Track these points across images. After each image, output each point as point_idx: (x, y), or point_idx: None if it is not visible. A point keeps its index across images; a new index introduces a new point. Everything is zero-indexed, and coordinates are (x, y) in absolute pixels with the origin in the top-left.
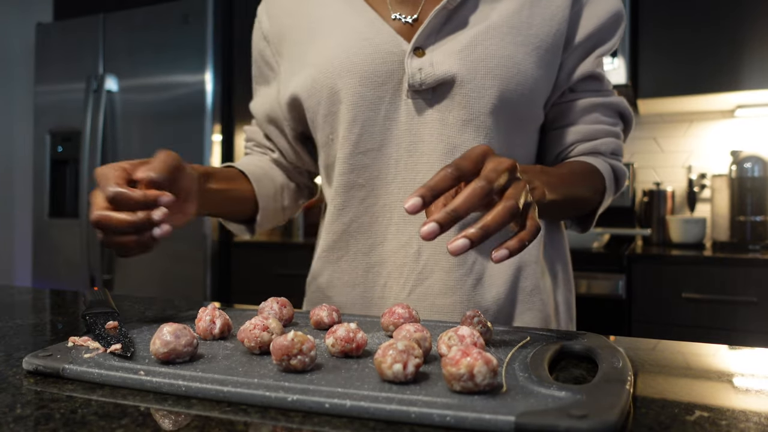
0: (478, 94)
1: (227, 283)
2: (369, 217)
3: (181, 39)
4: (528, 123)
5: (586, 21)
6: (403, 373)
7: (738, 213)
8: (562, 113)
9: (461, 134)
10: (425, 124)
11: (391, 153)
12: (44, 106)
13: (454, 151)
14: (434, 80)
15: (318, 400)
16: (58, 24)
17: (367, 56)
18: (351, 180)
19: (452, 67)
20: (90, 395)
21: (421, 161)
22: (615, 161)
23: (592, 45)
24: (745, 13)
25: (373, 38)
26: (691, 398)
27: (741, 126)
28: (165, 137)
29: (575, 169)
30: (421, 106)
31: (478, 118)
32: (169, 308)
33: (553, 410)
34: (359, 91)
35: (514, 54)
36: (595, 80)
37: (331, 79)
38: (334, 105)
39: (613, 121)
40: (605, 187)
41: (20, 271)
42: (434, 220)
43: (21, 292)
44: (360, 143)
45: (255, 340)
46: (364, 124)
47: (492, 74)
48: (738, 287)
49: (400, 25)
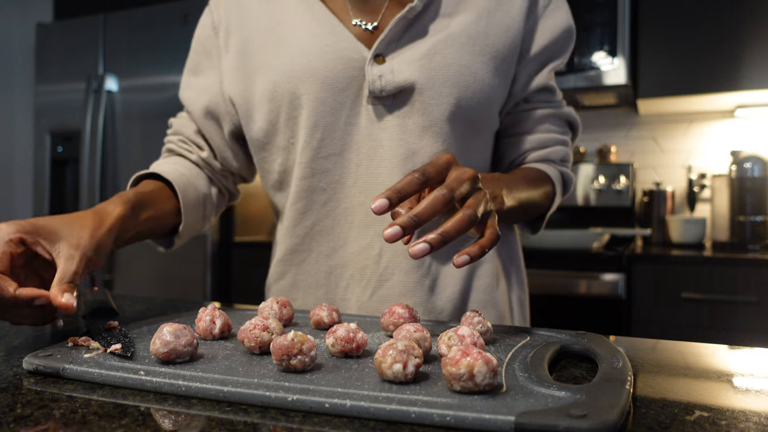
0: (436, 101)
1: (227, 283)
2: (331, 221)
3: (181, 39)
4: (483, 129)
5: (540, 35)
6: (403, 373)
7: (738, 213)
8: (517, 122)
9: (420, 140)
10: (385, 130)
11: (351, 157)
12: (44, 106)
13: (413, 156)
14: (394, 87)
15: (318, 400)
16: (58, 24)
17: (329, 62)
18: (312, 184)
19: (412, 74)
20: (90, 395)
21: (381, 165)
22: (564, 168)
23: (546, 58)
24: (745, 13)
25: (334, 44)
26: (691, 398)
27: (741, 126)
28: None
29: (529, 175)
30: (381, 111)
31: (436, 125)
32: (169, 308)
33: (553, 410)
34: (320, 96)
35: (470, 63)
36: (549, 92)
37: (292, 83)
38: (295, 110)
39: (562, 130)
40: (555, 192)
41: None
42: (398, 224)
43: None
44: (321, 148)
45: (255, 340)
46: (325, 129)
47: (450, 82)
48: (738, 287)
49: (361, 32)
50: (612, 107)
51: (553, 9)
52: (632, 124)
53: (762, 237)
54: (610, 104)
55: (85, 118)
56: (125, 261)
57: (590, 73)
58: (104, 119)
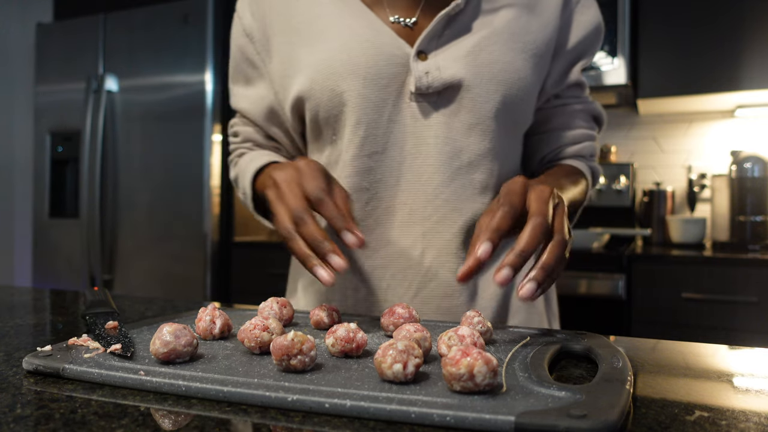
0: (484, 99)
1: (227, 283)
2: (372, 220)
3: (181, 39)
4: (521, 126)
5: (575, 30)
6: (403, 373)
7: (738, 213)
8: (549, 118)
9: (467, 137)
10: (430, 127)
11: (394, 156)
12: (44, 106)
13: (459, 154)
14: (441, 84)
15: (318, 400)
16: (58, 24)
17: (371, 57)
18: (354, 183)
19: (459, 71)
20: (90, 395)
21: (425, 164)
22: (593, 163)
23: (578, 54)
24: (745, 13)
25: (374, 39)
26: (691, 398)
27: (741, 126)
28: (165, 137)
29: (568, 174)
30: (425, 109)
31: (484, 122)
32: (169, 308)
33: (553, 410)
34: (363, 92)
35: (514, 60)
36: (580, 88)
37: (332, 80)
38: (336, 107)
39: (590, 125)
40: (588, 187)
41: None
42: (508, 265)
43: (21, 292)
44: (364, 146)
45: (255, 340)
46: (368, 126)
47: (496, 79)
48: (738, 287)
49: (399, 28)
50: (612, 107)
51: (584, 5)
52: (632, 124)
53: (762, 237)
54: (610, 104)
55: (85, 118)
56: (125, 261)
57: (590, 73)
58: (104, 119)
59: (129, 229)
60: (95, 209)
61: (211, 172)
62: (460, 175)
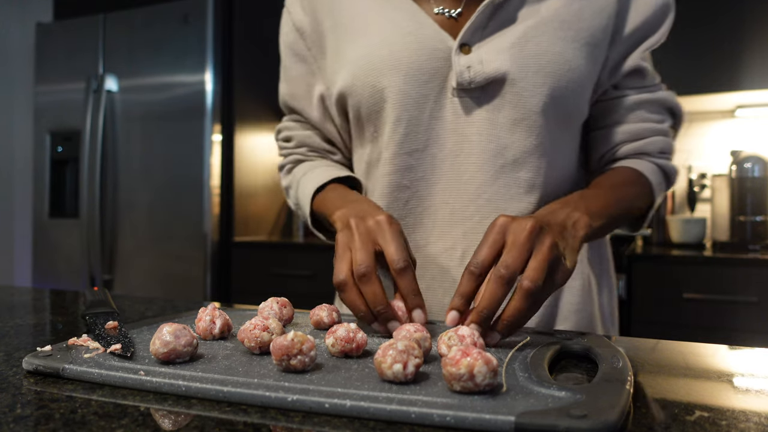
0: (530, 93)
1: (227, 283)
2: (412, 219)
3: (181, 39)
4: (574, 120)
5: (633, 13)
6: (403, 373)
7: (738, 213)
8: (607, 111)
9: (512, 134)
10: (472, 124)
11: (436, 153)
12: (44, 106)
13: (503, 151)
14: (484, 78)
15: (318, 400)
16: (58, 24)
17: (412, 52)
18: (395, 181)
19: (503, 64)
20: (90, 395)
21: (467, 162)
22: (663, 160)
23: (638, 39)
24: (745, 14)
25: (416, 33)
26: (691, 398)
27: (741, 126)
28: (165, 137)
29: (618, 181)
30: (468, 104)
31: (529, 117)
32: (169, 308)
33: (553, 410)
34: (404, 88)
35: (564, 50)
36: (641, 75)
37: (372, 76)
38: (377, 103)
39: (659, 117)
40: (652, 190)
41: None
42: (473, 322)
43: (21, 292)
44: (405, 143)
45: (255, 340)
46: (409, 123)
47: (544, 71)
48: (738, 287)
49: (443, 20)
50: None
51: None
52: None
53: (762, 237)
54: None
55: (85, 118)
56: (125, 261)
57: None
58: (104, 119)
59: (129, 229)
60: (95, 209)
61: (211, 172)
62: (504, 173)
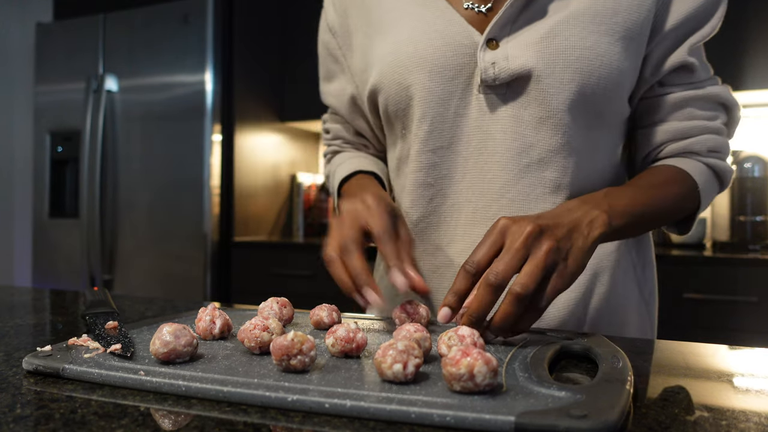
0: (556, 90)
1: (227, 283)
2: (436, 218)
3: (181, 39)
4: (610, 118)
5: (678, 6)
6: (403, 373)
7: (738, 213)
8: (651, 109)
9: (537, 132)
10: (497, 121)
11: (460, 151)
12: (44, 106)
13: (528, 150)
14: (509, 75)
15: (318, 400)
16: (58, 24)
17: (437, 49)
18: (419, 178)
19: (529, 60)
20: (90, 395)
21: (491, 160)
22: (714, 159)
23: (684, 33)
24: (745, 13)
25: (443, 29)
26: (691, 398)
27: (741, 126)
28: (165, 137)
29: (655, 180)
30: (493, 101)
31: (555, 115)
32: (169, 308)
33: (553, 410)
34: (428, 86)
35: (596, 44)
36: (688, 71)
37: (399, 73)
38: (404, 101)
39: (710, 114)
40: (698, 189)
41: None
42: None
43: (21, 292)
44: (429, 140)
45: (255, 340)
46: (434, 120)
47: (572, 67)
48: (738, 287)
49: (473, 15)
50: None
51: None
52: None
53: (762, 237)
54: None
55: (85, 118)
56: (125, 261)
57: None
58: (104, 119)
59: (129, 229)
60: (95, 209)
61: (211, 172)
62: (529, 172)
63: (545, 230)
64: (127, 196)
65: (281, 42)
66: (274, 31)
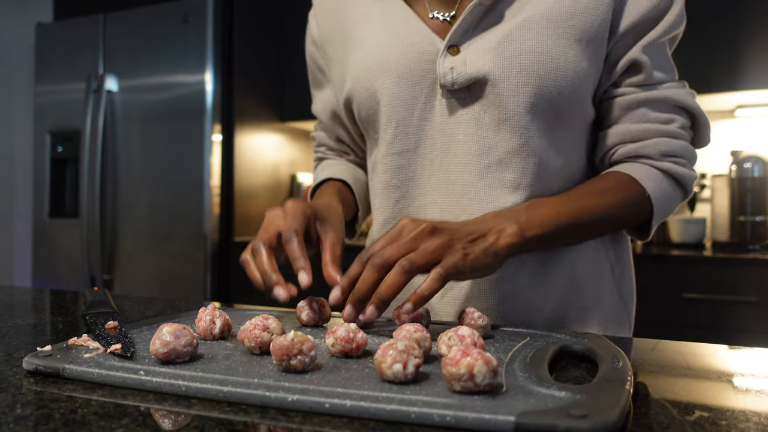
0: (512, 93)
1: (227, 283)
2: None
3: (181, 39)
4: (571, 119)
5: (631, 7)
6: (403, 373)
7: (738, 213)
8: (606, 111)
9: (496, 134)
10: (459, 125)
11: (425, 153)
12: (44, 106)
13: (489, 152)
14: (466, 79)
15: (318, 400)
16: (58, 24)
17: (402, 55)
18: (385, 181)
19: (485, 65)
20: (90, 395)
21: (454, 162)
22: (668, 163)
23: (638, 33)
24: (745, 13)
25: (408, 37)
26: (691, 398)
27: (741, 126)
28: (165, 137)
29: (595, 188)
30: (454, 105)
31: (512, 118)
32: (169, 308)
33: (553, 410)
34: (394, 90)
35: (551, 48)
36: (639, 71)
37: (368, 80)
38: (372, 106)
39: (666, 117)
40: (647, 195)
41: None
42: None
43: (21, 292)
44: (394, 143)
45: (255, 340)
46: (399, 123)
47: (527, 71)
48: (738, 287)
49: (438, 24)
50: None
51: None
52: None
53: (762, 237)
54: None
55: (85, 118)
56: (125, 261)
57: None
58: (104, 119)
59: (129, 229)
60: (95, 209)
61: (211, 172)
62: (489, 173)
63: (439, 230)
64: (127, 196)
65: (281, 42)
66: (274, 31)
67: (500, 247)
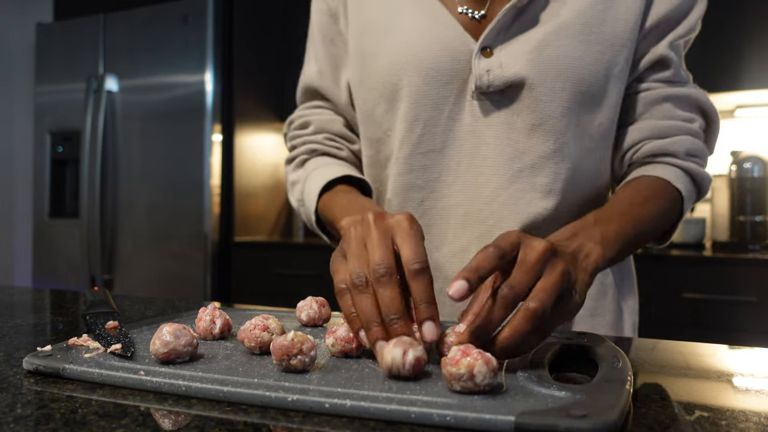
0: (548, 98)
1: (227, 283)
2: (426, 220)
3: (181, 39)
4: (605, 124)
5: (658, 4)
6: (402, 361)
7: (738, 213)
8: (630, 107)
9: (529, 139)
10: (490, 127)
11: (452, 155)
12: (44, 106)
13: (520, 156)
14: (503, 82)
15: (318, 400)
16: (58, 24)
17: (434, 53)
18: (409, 181)
19: (522, 69)
20: (90, 395)
21: (483, 165)
22: (691, 163)
23: (663, 30)
24: (745, 14)
25: (439, 34)
26: (691, 398)
27: (741, 126)
28: (165, 137)
29: (640, 196)
30: (486, 107)
31: (548, 122)
32: (169, 308)
33: (553, 410)
34: (423, 89)
35: (585, 54)
36: (666, 67)
37: (394, 75)
38: (394, 102)
39: (689, 116)
40: (682, 198)
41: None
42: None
43: (21, 292)
44: (421, 143)
45: (255, 340)
46: (426, 123)
47: (563, 76)
48: (738, 287)
49: (467, 21)
50: None
51: None
52: None
53: (762, 237)
54: None
55: (85, 118)
56: (125, 261)
57: None
58: (104, 119)
59: (129, 229)
60: (95, 209)
61: (211, 172)
62: (521, 177)
63: (557, 251)
64: (127, 196)
65: (281, 42)
66: (275, 30)
67: (591, 272)
